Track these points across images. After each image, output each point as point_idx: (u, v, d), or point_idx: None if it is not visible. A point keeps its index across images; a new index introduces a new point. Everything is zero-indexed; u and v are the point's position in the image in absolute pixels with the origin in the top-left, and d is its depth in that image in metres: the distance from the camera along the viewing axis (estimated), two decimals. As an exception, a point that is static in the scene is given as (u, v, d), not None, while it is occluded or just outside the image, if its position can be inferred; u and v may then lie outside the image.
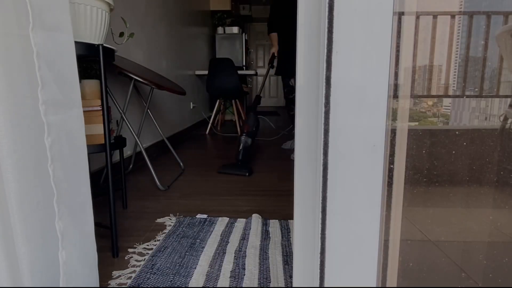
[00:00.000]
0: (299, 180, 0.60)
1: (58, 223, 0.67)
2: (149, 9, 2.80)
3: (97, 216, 1.50)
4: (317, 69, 0.55)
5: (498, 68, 0.82)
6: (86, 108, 1.17)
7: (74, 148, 0.75)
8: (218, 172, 2.22)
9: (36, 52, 0.62)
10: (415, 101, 0.71)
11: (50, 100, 0.66)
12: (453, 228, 0.81)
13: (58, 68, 0.69)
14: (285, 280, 0.98)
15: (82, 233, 0.76)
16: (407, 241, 0.65)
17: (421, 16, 0.63)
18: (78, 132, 0.78)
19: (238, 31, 5.66)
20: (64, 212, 0.69)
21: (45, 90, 0.64)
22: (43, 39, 0.64)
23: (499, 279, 0.76)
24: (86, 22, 1.03)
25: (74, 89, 0.76)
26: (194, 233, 1.29)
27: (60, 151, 0.69)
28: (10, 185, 0.63)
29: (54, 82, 0.67)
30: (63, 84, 0.71)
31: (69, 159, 0.72)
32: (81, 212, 0.77)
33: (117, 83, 2.24)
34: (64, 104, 0.71)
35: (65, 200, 0.70)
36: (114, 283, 0.97)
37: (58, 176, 0.68)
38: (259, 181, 2.04)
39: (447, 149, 0.71)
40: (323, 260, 0.54)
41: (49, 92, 0.65)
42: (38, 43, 0.62)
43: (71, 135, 0.74)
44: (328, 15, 0.49)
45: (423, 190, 0.66)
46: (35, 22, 0.61)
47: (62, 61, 0.71)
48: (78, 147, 0.77)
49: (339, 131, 0.51)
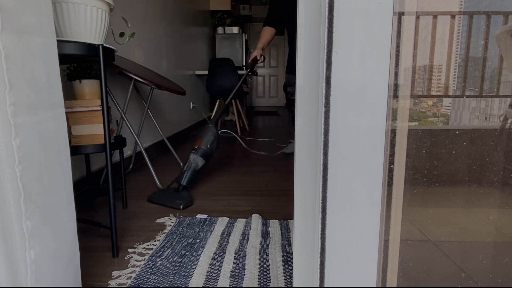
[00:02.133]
0: (299, 180, 0.60)
1: (26, 223, 0.67)
2: (149, 9, 2.80)
3: (97, 216, 1.51)
4: (317, 69, 0.55)
5: (498, 68, 0.82)
6: (86, 108, 1.17)
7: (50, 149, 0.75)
8: (147, 200, 1.69)
9: (4, 54, 0.62)
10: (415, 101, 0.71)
11: (20, 102, 0.66)
12: (453, 228, 0.81)
13: (32, 70, 0.70)
14: (285, 280, 0.98)
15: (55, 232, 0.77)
16: (407, 241, 0.65)
17: (421, 16, 0.63)
18: (57, 132, 0.78)
19: (238, 31, 5.66)
20: (33, 212, 0.69)
21: (13, 92, 0.64)
22: (13, 41, 0.64)
23: (499, 279, 0.76)
24: (86, 22, 1.03)
25: (52, 90, 0.77)
26: (194, 233, 1.29)
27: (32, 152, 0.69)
28: (7, 184, 0.63)
29: (27, 84, 0.68)
30: (38, 86, 0.72)
31: (43, 159, 0.73)
32: (56, 212, 0.77)
33: (117, 83, 2.24)
34: (39, 105, 0.72)
35: (36, 200, 0.70)
36: (114, 283, 0.97)
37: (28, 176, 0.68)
38: (260, 181, 2.04)
39: (447, 149, 0.71)
40: (323, 260, 0.54)
41: (18, 94, 0.66)
42: (7, 45, 0.63)
43: (46, 136, 0.74)
44: (328, 15, 0.49)
45: (423, 190, 0.66)
46: (4, 25, 0.62)
47: (38, 63, 0.71)
48: (54, 147, 0.77)
49: (339, 131, 0.51)
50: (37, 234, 0.70)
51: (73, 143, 1.16)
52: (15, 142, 0.65)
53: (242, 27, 6.22)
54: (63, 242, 0.80)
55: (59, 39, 0.81)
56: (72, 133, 1.16)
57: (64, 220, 0.81)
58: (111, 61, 1.19)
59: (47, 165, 0.74)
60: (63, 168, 0.81)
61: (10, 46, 0.64)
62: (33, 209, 0.69)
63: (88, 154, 1.59)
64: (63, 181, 0.81)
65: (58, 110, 0.79)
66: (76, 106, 1.15)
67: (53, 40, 0.77)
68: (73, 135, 1.16)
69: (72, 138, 1.16)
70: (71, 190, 0.83)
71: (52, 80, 0.77)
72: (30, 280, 0.68)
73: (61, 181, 0.80)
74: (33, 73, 0.70)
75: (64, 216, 0.81)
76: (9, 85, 0.63)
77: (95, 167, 1.87)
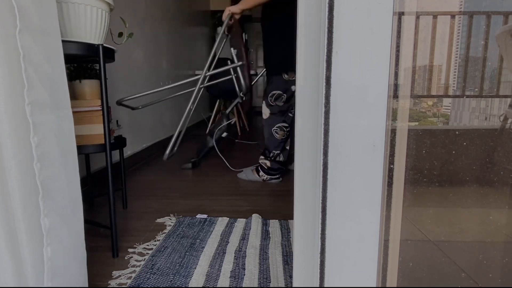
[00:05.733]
0: (299, 180, 0.60)
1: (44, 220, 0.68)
2: (149, 9, 2.80)
3: (97, 216, 1.50)
4: (317, 69, 0.55)
5: (498, 68, 0.82)
6: (86, 108, 1.17)
7: (63, 148, 0.76)
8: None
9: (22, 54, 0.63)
10: (415, 101, 0.71)
11: (36, 101, 0.67)
12: (453, 228, 0.81)
13: (45, 70, 0.71)
14: (285, 280, 0.98)
15: (70, 230, 0.77)
16: (407, 241, 0.65)
17: (421, 16, 0.63)
18: (67, 132, 0.79)
19: (238, 31, 5.65)
20: (51, 209, 0.70)
21: (31, 91, 0.65)
22: (29, 42, 0.65)
23: (499, 279, 0.76)
24: (86, 22, 1.03)
25: (62, 90, 0.78)
26: (194, 233, 1.29)
27: (48, 150, 0.70)
28: (14, 183, 0.63)
29: (41, 83, 0.69)
30: (50, 85, 0.72)
31: (58, 158, 0.73)
32: (70, 210, 0.78)
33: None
34: (52, 105, 0.73)
35: (53, 198, 0.71)
36: (114, 283, 0.97)
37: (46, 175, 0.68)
38: (259, 181, 2.04)
39: (447, 149, 0.71)
40: (323, 260, 0.54)
41: (35, 93, 0.67)
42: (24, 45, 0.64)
43: (60, 135, 0.75)
44: (328, 15, 0.49)
45: (423, 190, 0.66)
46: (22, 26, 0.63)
47: (49, 64, 0.72)
48: (67, 146, 0.78)
49: (339, 131, 0.51)
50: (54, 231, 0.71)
51: (73, 143, 1.16)
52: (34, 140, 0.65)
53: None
54: (78, 240, 0.81)
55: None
56: (72, 133, 1.16)
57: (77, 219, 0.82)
58: (111, 61, 1.19)
59: (63, 163, 0.75)
60: (74, 167, 0.82)
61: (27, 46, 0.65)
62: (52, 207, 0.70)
63: (88, 154, 1.59)
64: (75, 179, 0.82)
65: (67, 110, 0.80)
66: (76, 106, 1.15)
67: (59, 40, 0.78)
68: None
69: (72, 138, 1.16)
70: (80, 189, 0.85)
71: (61, 80, 0.78)
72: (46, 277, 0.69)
73: (73, 179, 0.81)
74: (45, 73, 0.71)
75: (77, 215, 0.82)
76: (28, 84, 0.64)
77: (95, 167, 1.87)
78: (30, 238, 0.66)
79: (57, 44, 0.77)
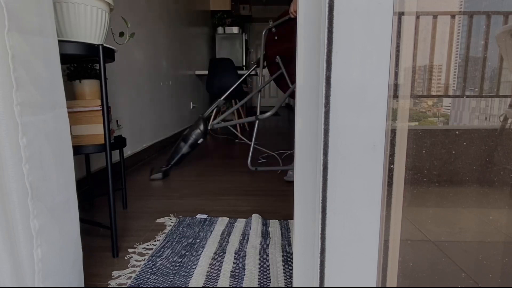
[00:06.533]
0: (299, 180, 0.60)
1: (33, 221, 0.67)
2: (149, 9, 2.80)
3: (97, 216, 1.50)
4: (317, 69, 0.55)
5: (498, 68, 0.82)
6: (86, 108, 1.17)
7: (57, 148, 0.76)
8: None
9: (11, 54, 0.63)
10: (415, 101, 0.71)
11: (26, 102, 0.66)
12: (453, 228, 0.81)
13: (37, 70, 0.70)
14: (285, 280, 0.98)
15: (63, 231, 0.77)
16: (407, 241, 0.65)
17: (421, 16, 0.63)
18: (62, 132, 0.79)
19: (238, 31, 5.66)
20: (41, 211, 0.69)
21: (20, 92, 0.65)
22: (19, 42, 0.65)
23: (499, 279, 0.76)
24: (86, 22, 1.03)
25: (56, 90, 0.77)
26: (194, 233, 1.29)
27: (39, 151, 0.69)
28: (12, 184, 0.63)
29: (32, 84, 0.68)
30: (43, 86, 0.72)
31: (50, 158, 0.73)
32: (62, 211, 0.77)
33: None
34: (44, 105, 0.72)
35: (44, 199, 0.70)
36: (114, 283, 0.97)
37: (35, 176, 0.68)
38: (259, 181, 2.04)
39: (447, 149, 0.71)
40: (323, 260, 0.54)
41: (25, 94, 0.66)
42: (14, 45, 0.63)
43: (53, 135, 0.75)
44: (328, 15, 0.49)
45: (423, 190, 0.66)
46: (10, 25, 0.62)
47: (43, 63, 0.72)
48: (61, 146, 0.78)
49: (339, 131, 0.51)
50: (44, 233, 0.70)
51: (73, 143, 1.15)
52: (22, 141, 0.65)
53: (242, 27, 6.22)
54: (70, 240, 0.81)
55: (59, 39, 0.81)
56: (72, 133, 1.16)
57: (70, 219, 0.81)
58: (111, 61, 1.19)
59: (54, 164, 0.75)
60: (68, 167, 0.81)
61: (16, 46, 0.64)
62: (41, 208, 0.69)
63: (88, 154, 1.59)
64: (69, 180, 0.81)
65: (62, 110, 0.80)
66: (76, 106, 1.15)
67: (55, 40, 0.77)
68: (73, 135, 1.16)
69: (72, 138, 1.16)
70: (75, 189, 0.84)
71: (55, 80, 0.77)
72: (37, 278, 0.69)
73: (67, 180, 0.80)
74: (37, 73, 0.70)
75: (70, 215, 0.81)
76: (16, 85, 0.64)
77: (95, 167, 1.87)
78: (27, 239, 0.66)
79: (52, 44, 0.76)
